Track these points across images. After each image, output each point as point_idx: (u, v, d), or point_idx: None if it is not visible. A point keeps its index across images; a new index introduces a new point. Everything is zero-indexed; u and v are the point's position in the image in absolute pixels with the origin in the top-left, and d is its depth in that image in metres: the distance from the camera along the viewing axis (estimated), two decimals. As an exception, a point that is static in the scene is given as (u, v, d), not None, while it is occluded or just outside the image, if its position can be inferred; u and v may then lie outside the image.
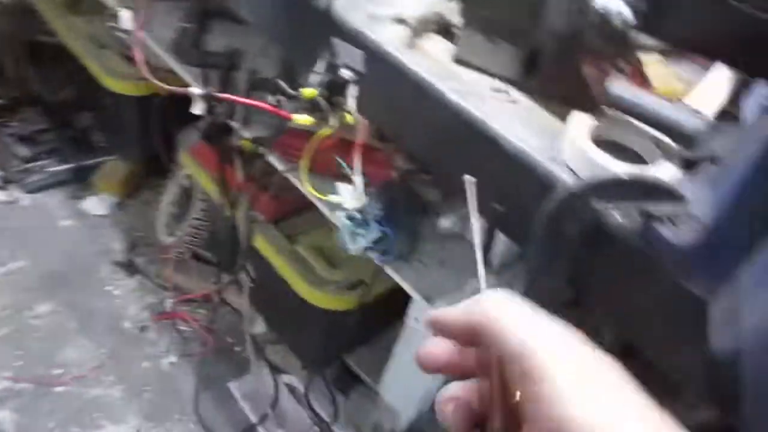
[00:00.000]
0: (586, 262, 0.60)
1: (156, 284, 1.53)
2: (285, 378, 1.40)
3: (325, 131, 0.58)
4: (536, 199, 0.60)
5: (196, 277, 1.49)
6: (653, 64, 0.74)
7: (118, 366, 1.38)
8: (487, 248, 0.73)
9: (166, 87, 0.72)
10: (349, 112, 0.57)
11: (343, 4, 0.75)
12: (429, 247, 0.96)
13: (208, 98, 0.65)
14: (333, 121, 0.57)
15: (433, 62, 0.71)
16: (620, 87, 0.63)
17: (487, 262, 0.95)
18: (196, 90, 0.65)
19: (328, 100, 0.56)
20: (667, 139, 0.63)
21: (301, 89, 0.56)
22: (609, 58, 0.58)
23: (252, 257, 1.23)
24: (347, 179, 0.85)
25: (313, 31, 0.78)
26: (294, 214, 1.19)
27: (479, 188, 0.71)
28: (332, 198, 0.64)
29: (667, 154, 0.62)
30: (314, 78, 0.56)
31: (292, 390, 1.40)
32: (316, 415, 1.28)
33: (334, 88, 0.56)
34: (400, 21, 0.75)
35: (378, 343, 1.35)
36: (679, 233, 0.53)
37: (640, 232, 0.55)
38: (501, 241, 0.93)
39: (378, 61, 0.71)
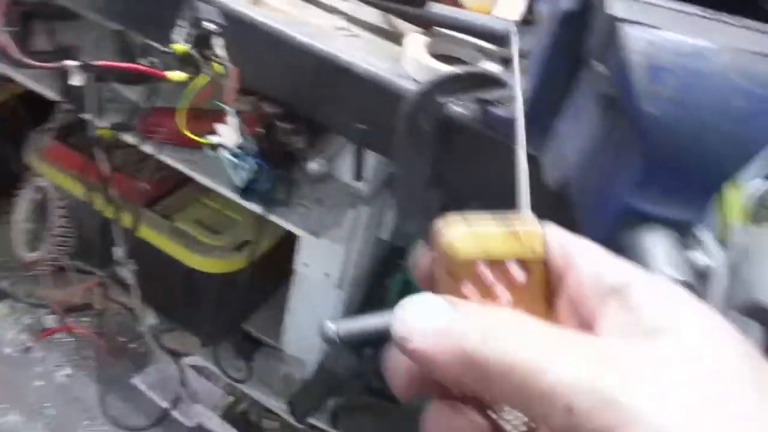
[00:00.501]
0: (443, 154, 0.72)
1: (29, 304, 1.48)
2: (188, 360, 1.43)
3: (200, 80, 0.64)
4: (392, 112, 0.70)
5: (73, 285, 1.45)
6: (462, -10, 0.88)
7: (9, 392, 1.33)
8: (359, 170, 0.83)
9: (43, 65, 0.73)
10: (219, 62, 0.64)
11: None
12: (305, 190, 1.04)
13: (86, 68, 0.68)
14: (207, 71, 0.63)
15: (279, 13, 0.79)
16: (440, 6, 0.75)
17: (358, 193, 1.06)
18: (72, 63, 0.68)
19: (199, 54, 0.62)
20: (486, 44, 0.76)
21: (172, 45, 0.62)
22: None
23: (131, 247, 1.24)
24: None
25: (159, 4, 0.82)
26: (167, 194, 1.21)
27: (342, 116, 0.81)
28: (212, 139, 0.70)
29: (488, 56, 0.75)
30: (180, 34, 0.62)
31: (198, 370, 1.43)
32: (230, 379, 1.32)
33: (201, 42, 0.62)
34: (241, -17, 0.82)
35: (272, 304, 1.42)
36: (507, 110, 0.67)
37: (479, 116, 0.68)
38: (369, 171, 1.04)
39: (230, 20, 0.78)
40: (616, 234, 0.47)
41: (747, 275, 0.92)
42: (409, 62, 0.73)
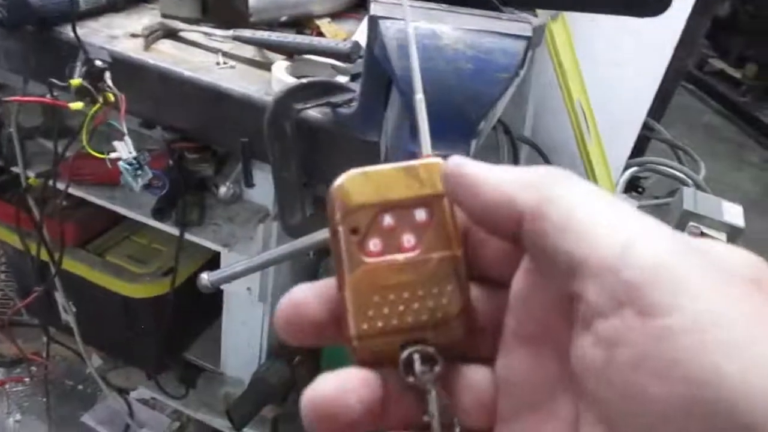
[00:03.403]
0: (309, 153, 0.87)
1: (-22, 360, 1.56)
2: (134, 394, 1.52)
3: (95, 108, 0.78)
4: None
5: (21, 339, 1.54)
6: (325, 24, 1.05)
7: (-38, 442, 1.40)
8: (248, 178, 0.98)
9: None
10: (110, 92, 0.78)
11: (85, 32, 0.96)
12: (218, 211, 1.18)
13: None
14: (100, 100, 0.78)
15: (166, 56, 0.95)
16: (298, 36, 0.92)
17: (266, 210, 1.20)
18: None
19: (92, 86, 0.77)
20: (338, 63, 0.93)
21: (69, 81, 0.76)
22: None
23: (69, 289, 1.34)
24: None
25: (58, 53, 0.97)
26: (99, 235, 1.34)
27: (228, 134, 0.96)
28: (112, 155, 0.84)
29: (340, 71, 0.92)
30: (76, 72, 0.76)
31: (145, 402, 1.52)
32: (172, 400, 1.41)
33: (94, 76, 0.77)
34: (134, 35, 0.98)
35: (211, 332, 1.53)
36: (351, 110, 0.83)
37: (331, 117, 0.84)
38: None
39: (125, 65, 0.94)
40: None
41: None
42: (274, 83, 0.89)
